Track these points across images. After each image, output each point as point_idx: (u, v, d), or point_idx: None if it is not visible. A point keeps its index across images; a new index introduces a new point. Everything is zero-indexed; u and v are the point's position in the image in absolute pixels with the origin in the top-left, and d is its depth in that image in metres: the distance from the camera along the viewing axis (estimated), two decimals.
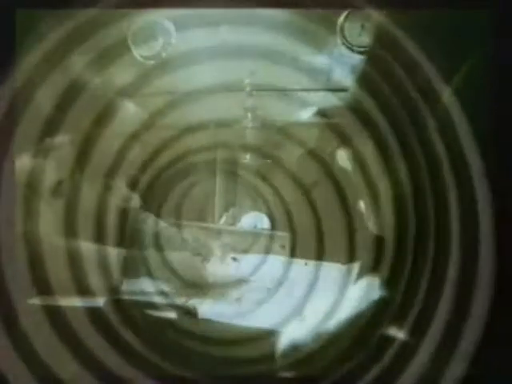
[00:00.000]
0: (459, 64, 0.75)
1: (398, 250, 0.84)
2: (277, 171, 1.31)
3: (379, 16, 0.85)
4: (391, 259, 0.86)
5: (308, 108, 1.21)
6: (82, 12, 0.84)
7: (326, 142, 1.19)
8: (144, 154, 1.17)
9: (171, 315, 0.91)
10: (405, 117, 0.83)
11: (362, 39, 1.04)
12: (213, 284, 1.08)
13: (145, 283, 1.01)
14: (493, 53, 0.71)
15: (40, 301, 0.85)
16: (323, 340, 0.83)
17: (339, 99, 1.14)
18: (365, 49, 1.03)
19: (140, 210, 1.17)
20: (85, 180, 1.03)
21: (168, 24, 1.08)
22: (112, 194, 1.10)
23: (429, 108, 0.79)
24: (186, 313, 0.92)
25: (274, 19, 1.07)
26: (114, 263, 1.00)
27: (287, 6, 1.01)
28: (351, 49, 1.06)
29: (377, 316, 0.83)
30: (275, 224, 1.30)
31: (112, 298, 0.91)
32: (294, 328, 0.87)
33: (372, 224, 1.04)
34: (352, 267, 1.06)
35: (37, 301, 0.85)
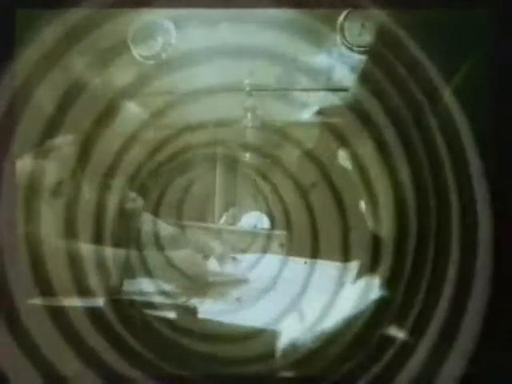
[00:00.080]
0: (459, 64, 0.75)
1: (398, 250, 0.84)
2: (276, 171, 1.31)
3: (381, 15, 0.84)
4: (391, 259, 0.86)
5: (308, 108, 1.21)
6: (82, 12, 0.84)
7: (326, 142, 1.19)
8: (144, 154, 1.17)
9: (171, 315, 0.91)
10: (408, 116, 0.83)
11: (362, 39, 1.03)
12: (213, 283, 1.08)
13: (145, 283, 1.01)
14: (493, 53, 0.71)
15: (41, 301, 0.85)
16: (323, 340, 0.83)
17: (339, 99, 1.14)
18: (365, 49, 1.03)
19: (141, 211, 1.17)
20: (86, 181, 1.03)
21: (168, 24, 1.08)
22: (113, 195, 1.10)
23: (431, 107, 0.79)
24: (186, 312, 0.92)
25: (274, 19, 1.07)
26: (115, 264, 1.00)
27: (287, 6, 1.01)
28: (351, 49, 1.05)
29: (377, 316, 0.83)
30: (275, 223, 1.30)
31: (111, 298, 0.91)
32: (294, 328, 0.87)
33: (372, 224, 1.04)
34: (351, 266, 1.06)
35: (38, 301, 0.85)
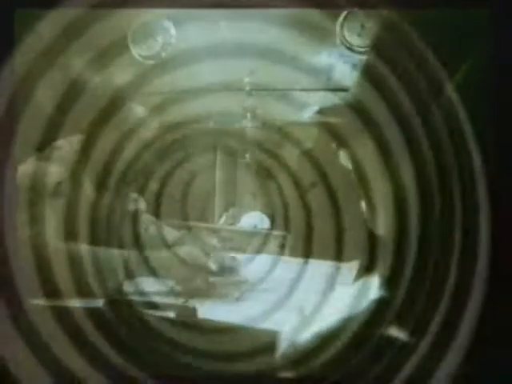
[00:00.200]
0: (459, 64, 0.75)
1: (398, 250, 0.84)
2: (276, 171, 1.31)
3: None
4: (391, 259, 0.86)
5: (308, 108, 1.21)
6: (81, 11, 0.84)
7: (326, 142, 1.19)
8: (145, 154, 1.17)
9: (170, 315, 0.91)
10: (412, 113, 0.82)
11: (362, 39, 1.03)
12: (213, 283, 1.08)
13: (145, 284, 1.01)
14: (493, 53, 0.71)
15: (44, 301, 0.85)
16: (322, 339, 0.83)
17: (340, 99, 1.14)
18: (364, 49, 1.03)
19: (145, 213, 1.17)
20: (87, 181, 1.03)
21: (167, 24, 1.08)
22: (114, 196, 1.10)
23: (436, 103, 0.78)
24: (186, 312, 0.92)
25: (274, 18, 1.07)
26: (116, 265, 1.00)
27: (287, 6, 1.01)
28: (351, 49, 1.06)
29: (377, 316, 0.83)
30: (275, 223, 1.30)
31: (110, 299, 0.90)
32: (294, 327, 0.87)
33: (372, 223, 1.04)
34: (351, 266, 1.06)
35: (41, 301, 0.85)
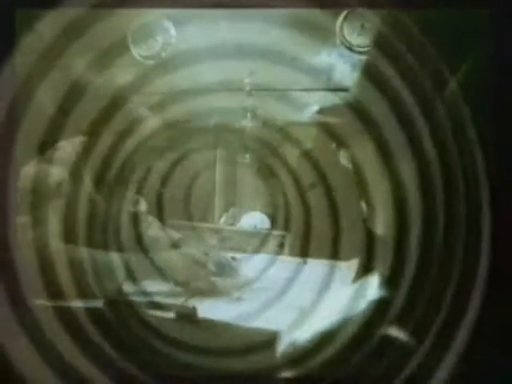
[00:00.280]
0: (459, 64, 0.75)
1: (399, 250, 0.84)
2: (277, 171, 1.31)
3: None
4: (391, 259, 0.86)
5: (308, 108, 1.21)
6: (81, 11, 0.84)
7: (326, 142, 1.19)
8: (145, 155, 1.17)
9: (170, 315, 0.91)
10: (416, 111, 0.82)
11: (362, 39, 1.04)
12: (213, 283, 1.08)
13: (145, 285, 1.01)
14: (493, 53, 0.71)
15: (47, 302, 0.86)
16: (321, 339, 0.83)
17: (340, 99, 1.14)
18: (364, 49, 1.03)
19: (146, 214, 1.18)
20: (90, 183, 1.03)
21: (167, 24, 1.08)
22: (119, 198, 1.10)
23: (440, 99, 0.78)
24: (185, 312, 0.92)
25: (275, 18, 1.07)
26: (118, 266, 1.01)
27: (287, 6, 1.01)
28: (351, 49, 1.06)
29: (376, 316, 0.83)
30: (275, 223, 1.30)
31: (110, 299, 0.91)
32: (294, 328, 0.87)
33: (372, 223, 1.04)
34: (351, 265, 1.06)
35: (43, 301, 0.86)
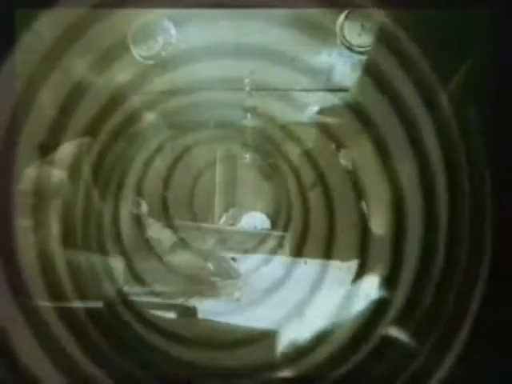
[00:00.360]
0: (459, 64, 0.75)
1: (397, 250, 0.84)
2: (276, 171, 1.31)
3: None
4: (390, 259, 0.86)
5: (308, 108, 1.21)
6: (82, 11, 0.84)
7: (326, 142, 1.19)
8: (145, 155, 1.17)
9: (170, 315, 0.91)
10: (420, 110, 0.81)
11: (362, 39, 1.03)
12: (213, 284, 1.08)
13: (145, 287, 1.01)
14: (493, 53, 0.71)
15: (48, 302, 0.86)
16: (321, 339, 0.83)
17: (340, 99, 1.14)
18: (365, 49, 1.03)
19: (146, 216, 1.18)
20: (92, 185, 1.03)
21: (168, 24, 1.08)
22: (121, 201, 1.10)
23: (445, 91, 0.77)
24: (185, 312, 0.92)
25: (275, 18, 1.07)
26: (120, 270, 1.01)
27: (287, 6, 1.01)
28: (351, 49, 1.06)
29: (375, 316, 0.83)
30: (275, 224, 1.30)
31: (109, 300, 0.91)
32: (294, 328, 0.87)
33: (371, 223, 1.04)
34: (351, 266, 1.06)
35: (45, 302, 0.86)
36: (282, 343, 0.84)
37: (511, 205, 0.70)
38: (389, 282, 0.84)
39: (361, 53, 1.05)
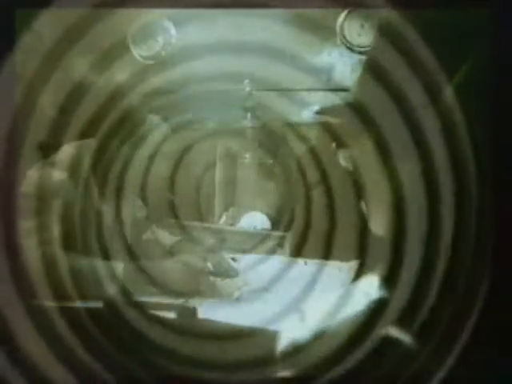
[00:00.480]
0: (459, 64, 0.75)
1: (397, 251, 0.84)
2: (276, 171, 1.31)
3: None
4: (390, 259, 0.86)
5: (308, 107, 1.21)
6: (82, 12, 0.84)
7: (326, 142, 1.19)
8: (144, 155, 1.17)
9: (170, 315, 0.91)
10: (421, 101, 0.80)
11: (362, 39, 1.03)
12: (213, 283, 1.08)
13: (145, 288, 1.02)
14: (493, 53, 0.71)
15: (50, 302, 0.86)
16: (322, 339, 0.83)
17: (340, 99, 1.14)
18: (365, 48, 1.03)
19: (146, 220, 1.18)
20: (94, 187, 1.04)
21: (168, 23, 1.08)
22: (123, 205, 1.10)
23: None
24: (185, 312, 0.92)
25: (275, 17, 1.07)
26: (120, 271, 1.01)
27: (287, 6, 1.01)
28: (351, 48, 1.06)
29: (374, 316, 0.83)
30: (275, 224, 1.30)
31: (109, 301, 0.91)
32: (294, 328, 0.87)
33: (372, 223, 1.04)
34: (351, 266, 1.06)
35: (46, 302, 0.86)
36: (283, 343, 0.84)
37: (511, 205, 0.70)
38: (388, 282, 0.84)
39: (361, 52, 1.05)
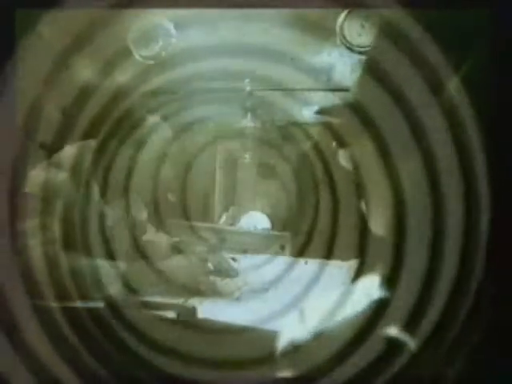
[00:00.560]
0: (459, 64, 0.75)
1: (398, 251, 0.84)
2: (276, 171, 1.31)
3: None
4: (391, 259, 0.86)
5: (308, 107, 1.21)
6: (82, 12, 0.84)
7: (326, 142, 1.19)
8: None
9: (170, 315, 0.91)
10: (424, 106, 0.80)
11: (362, 39, 1.04)
12: (213, 283, 1.08)
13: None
14: (493, 53, 0.71)
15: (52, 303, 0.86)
16: (322, 339, 0.83)
17: (340, 99, 1.14)
18: (365, 49, 1.03)
19: (147, 222, 1.18)
20: (96, 188, 1.04)
21: (168, 24, 1.08)
22: (124, 206, 1.10)
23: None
24: (185, 312, 0.92)
25: (275, 18, 1.07)
26: (121, 275, 1.01)
27: (287, 6, 1.01)
28: (351, 48, 1.06)
29: (374, 316, 0.83)
30: (275, 224, 1.30)
31: (110, 301, 0.91)
32: (294, 328, 0.87)
33: (372, 224, 1.04)
34: (351, 266, 1.06)
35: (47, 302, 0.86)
36: (283, 343, 0.84)
37: (511, 205, 0.70)
38: (389, 283, 0.84)
39: (361, 52, 1.05)
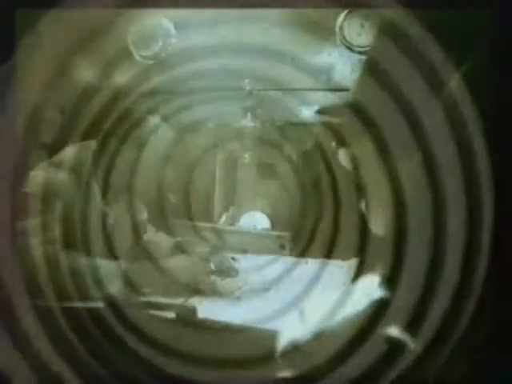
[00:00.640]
0: (459, 63, 0.75)
1: (398, 251, 0.84)
2: (276, 171, 1.31)
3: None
4: (391, 259, 0.86)
5: (308, 107, 1.21)
6: (82, 12, 0.84)
7: (326, 142, 1.19)
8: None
9: (170, 315, 0.91)
10: (424, 105, 0.80)
11: (362, 39, 1.04)
12: (213, 283, 1.08)
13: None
14: (493, 53, 0.71)
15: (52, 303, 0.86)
16: (322, 339, 0.83)
17: (340, 99, 1.14)
18: (365, 49, 1.03)
19: (146, 222, 1.18)
20: (96, 188, 1.04)
21: (168, 24, 1.08)
22: (124, 206, 1.10)
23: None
24: (185, 312, 0.92)
25: (275, 18, 1.07)
26: (118, 274, 1.01)
27: (287, 6, 1.01)
28: (351, 48, 1.06)
29: (374, 316, 0.83)
30: (275, 224, 1.30)
31: (110, 301, 0.91)
32: (294, 327, 0.87)
33: (372, 224, 1.04)
34: (352, 266, 1.06)
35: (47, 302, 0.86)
36: (284, 343, 0.84)
37: (511, 205, 0.70)
38: (389, 283, 0.84)
39: (361, 52, 1.05)
